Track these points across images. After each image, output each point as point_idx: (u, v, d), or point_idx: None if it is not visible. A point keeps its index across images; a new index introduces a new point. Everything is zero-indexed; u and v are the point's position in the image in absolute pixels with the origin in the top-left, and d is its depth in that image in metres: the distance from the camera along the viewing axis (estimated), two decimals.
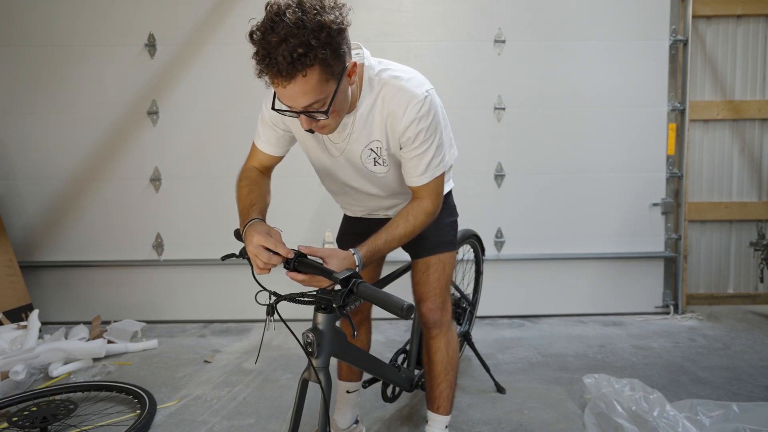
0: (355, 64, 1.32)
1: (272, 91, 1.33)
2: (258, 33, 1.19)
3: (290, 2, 1.19)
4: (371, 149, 1.51)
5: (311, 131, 1.38)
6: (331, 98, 1.26)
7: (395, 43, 3.34)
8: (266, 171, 1.66)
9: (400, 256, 1.85)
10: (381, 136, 1.48)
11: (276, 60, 1.16)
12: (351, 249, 1.40)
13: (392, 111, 1.43)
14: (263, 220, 1.44)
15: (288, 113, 1.31)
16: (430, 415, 1.84)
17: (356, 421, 2.04)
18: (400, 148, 1.49)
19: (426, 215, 1.53)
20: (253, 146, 1.63)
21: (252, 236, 1.33)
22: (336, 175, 1.65)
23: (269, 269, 1.33)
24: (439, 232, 1.76)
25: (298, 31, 1.15)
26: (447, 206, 1.81)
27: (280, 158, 1.65)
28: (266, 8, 1.21)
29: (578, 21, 3.37)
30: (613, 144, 3.44)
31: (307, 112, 1.28)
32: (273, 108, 1.34)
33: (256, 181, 1.58)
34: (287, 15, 1.16)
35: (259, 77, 1.22)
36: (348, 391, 1.98)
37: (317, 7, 1.18)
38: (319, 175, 1.73)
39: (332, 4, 1.22)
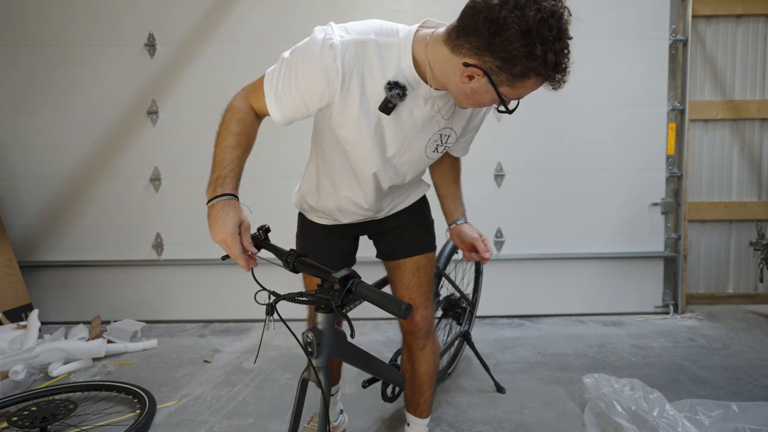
0: None
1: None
2: (546, 33, 1.12)
3: (557, 7, 1.15)
4: (441, 134, 1.44)
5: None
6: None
7: None
8: (261, 117, 1.44)
9: None
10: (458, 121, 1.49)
11: (562, 68, 1.17)
12: (461, 218, 1.65)
13: None
14: (237, 197, 1.29)
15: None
16: (412, 418, 1.82)
17: (341, 411, 2.05)
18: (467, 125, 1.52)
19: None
20: (262, 96, 1.36)
21: (232, 222, 1.22)
22: (374, 174, 1.43)
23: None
24: (428, 228, 1.69)
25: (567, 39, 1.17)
26: (428, 204, 1.74)
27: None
28: (536, 10, 1.12)
29: (578, 21, 3.36)
30: (612, 144, 3.44)
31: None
32: (499, 97, 1.21)
33: (248, 130, 1.38)
34: (562, 22, 1.17)
35: (522, 77, 1.16)
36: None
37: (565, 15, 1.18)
38: (340, 177, 1.50)
39: None
